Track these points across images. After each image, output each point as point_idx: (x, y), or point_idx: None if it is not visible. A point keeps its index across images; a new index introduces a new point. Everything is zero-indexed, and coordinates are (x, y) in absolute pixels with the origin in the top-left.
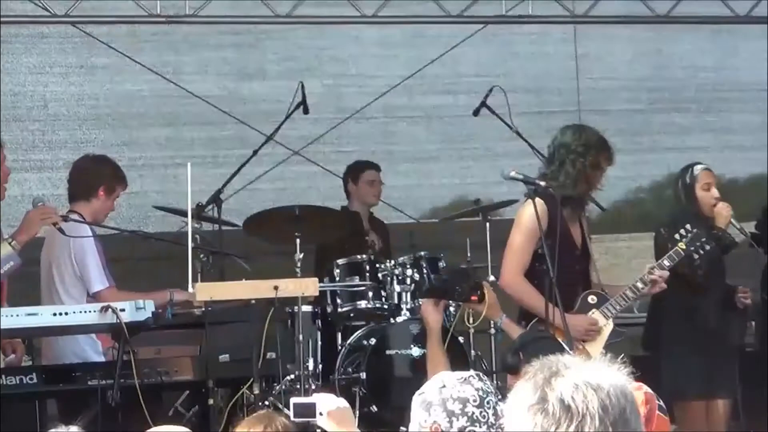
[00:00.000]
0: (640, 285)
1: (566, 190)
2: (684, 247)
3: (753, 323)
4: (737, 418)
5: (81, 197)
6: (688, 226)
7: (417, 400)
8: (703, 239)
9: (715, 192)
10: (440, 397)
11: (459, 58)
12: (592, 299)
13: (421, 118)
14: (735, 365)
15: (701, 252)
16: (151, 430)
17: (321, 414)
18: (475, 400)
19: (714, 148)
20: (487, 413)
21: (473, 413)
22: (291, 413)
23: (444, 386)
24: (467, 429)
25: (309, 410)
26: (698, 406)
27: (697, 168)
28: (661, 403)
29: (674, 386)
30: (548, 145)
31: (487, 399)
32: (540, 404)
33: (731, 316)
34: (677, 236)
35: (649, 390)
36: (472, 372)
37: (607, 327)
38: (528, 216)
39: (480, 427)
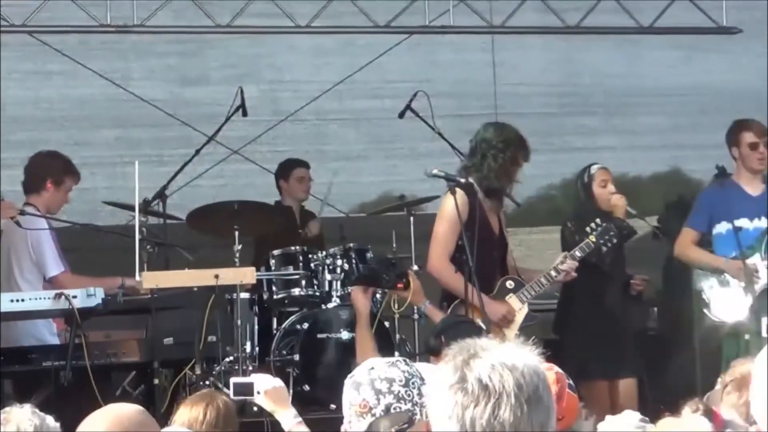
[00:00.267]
0: (553, 273)
1: (488, 182)
2: (594, 239)
3: (655, 309)
4: (644, 397)
5: (33, 190)
6: (598, 220)
7: (348, 382)
8: (612, 233)
9: (611, 188)
10: (369, 378)
11: (386, 65)
12: (509, 284)
13: (350, 121)
14: (636, 347)
15: (609, 245)
16: (107, 407)
17: (258, 393)
18: (401, 380)
19: (620, 149)
20: (412, 392)
21: (399, 392)
22: (231, 392)
23: (373, 368)
24: (393, 406)
25: (247, 389)
26: (602, 385)
27: (594, 168)
28: (571, 382)
29: (580, 367)
30: (470, 140)
31: (412, 380)
32: (460, 383)
33: (633, 302)
34: (588, 229)
35: (560, 370)
36: (399, 357)
37: (522, 311)
38: (450, 207)
39: (405, 404)
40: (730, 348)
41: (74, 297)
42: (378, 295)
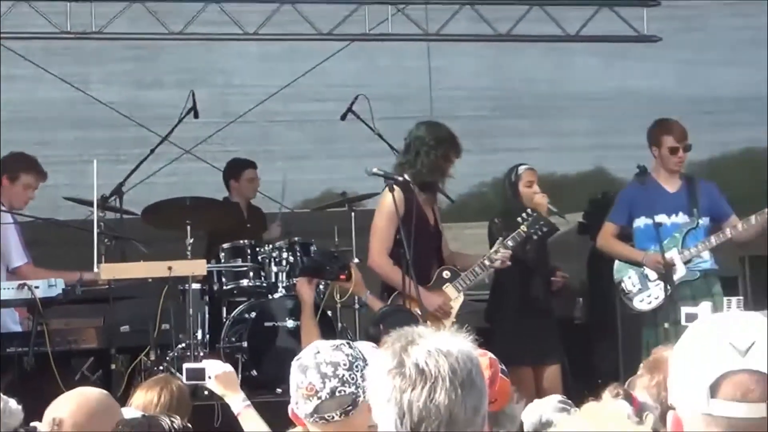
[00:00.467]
0: (487, 262)
1: (421, 177)
2: (526, 229)
3: (581, 299)
4: (569, 382)
5: None
6: (529, 211)
7: (295, 365)
8: (542, 222)
9: (536, 188)
10: (315, 362)
11: (328, 70)
12: (446, 274)
13: (295, 122)
14: (561, 335)
15: (540, 233)
16: (75, 390)
17: (210, 377)
18: (345, 365)
19: (547, 149)
20: (356, 376)
21: (343, 375)
22: (184, 377)
23: (318, 352)
24: (338, 389)
25: (199, 374)
26: (528, 371)
27: (521, 168)
28: (503, 367)
29: (508, 354)
30: (405, 138)
31: (356, 363)
32: (398, 368)
33: (559, 293)
34: (519, 219)
35: (493, 356)
36: (343, 341)
37: (459, 299)
38: (388, 204)
39: (349, 387)
40: (648, 335)
41: (36, 287)
42: (321, 286)
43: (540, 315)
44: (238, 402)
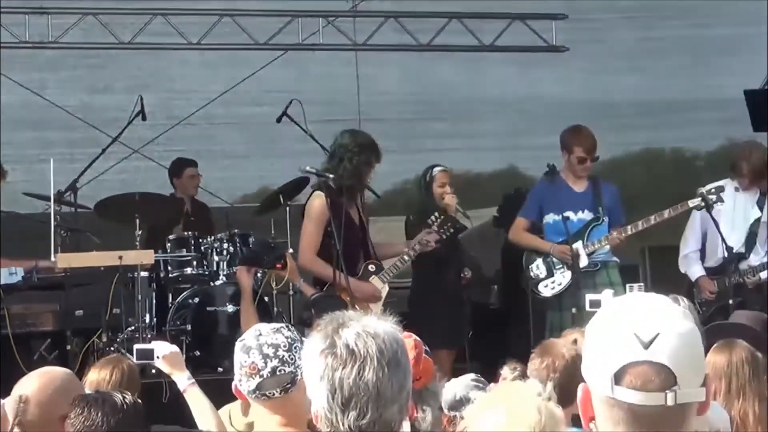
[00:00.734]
0: (406, 258)
1: (344, 181)
2: (436, 229)
3: (495, 286)
4: (465, 362)
5: None
6: (437, 213)
7: (238, 346)
8: (449, 224)
9: (447, 189)
10: (257, 343)
11: (265, 77)
12: (371, 267)
13: (234, 125)
14: (469, 322)
15: (448, 234)
16: (41, 369)
17: (158, 357)
18: (284, 346)
19: (465, 149)
20: (295, 356)
21: (283, 356)
22: (134, 357)
23: (260, 334)
24: (278, 368)
25: (148, 354)
26: (444, 353)
27: (436, 169)
28: (427, 348)
29: (426, 337)
30: (330, 145)
31: (295, 345)
32: (330, 349)
33: (475, 281)
34: (429, 221)
35: (418, 338)
36: (283, 324)
37: (384, 290)
38: (315, 206)
39: (289, 367)
40: (553, 319)
41: None
42: (259, 274)
43: (453, 302)
44: (183, 380)
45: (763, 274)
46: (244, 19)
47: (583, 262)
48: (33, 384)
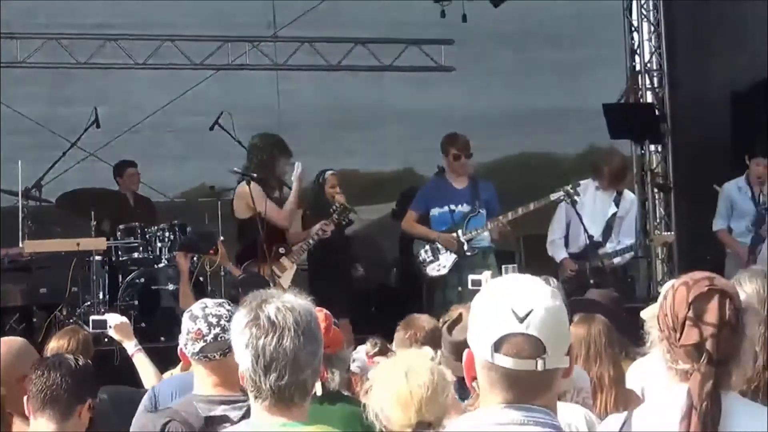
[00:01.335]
0: (310, 240)
1: (259, 175)
2: (337, 218)
3: (395, 269)
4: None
5: None
6: (337, 204)
7: (186, 315)
8: (347, 212)
9: (337, 189)
10: (203, 313)
11: (201, 92)
12: (281, 250)
13: (176, 132)
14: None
15: (345, 221)
16: (1, 339)
17: (110, 327)
18: (226, 317)
19: (368, 153)
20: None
21: (224, 325)
22: (90, 326)
23: (206, 306)
24: (219, 335)
25: (102, 324)
26: (344, 322)
27: (327, 173)
28: (336, 320)
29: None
30: (247, 146)
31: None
32: (254, 321)
33: (376, 264)
34: (331, 210)
35: (327, 311)
36: (224, 300)
37: (292, 268)
38: (242, 194)
39: (228, 335)
40: (439, 297)
41: None
42: (195, 258)
43: (333, 278)
44: (131, 346)
45: (617, 259)
46: (183, 44)
47: (465, 247)
48: None
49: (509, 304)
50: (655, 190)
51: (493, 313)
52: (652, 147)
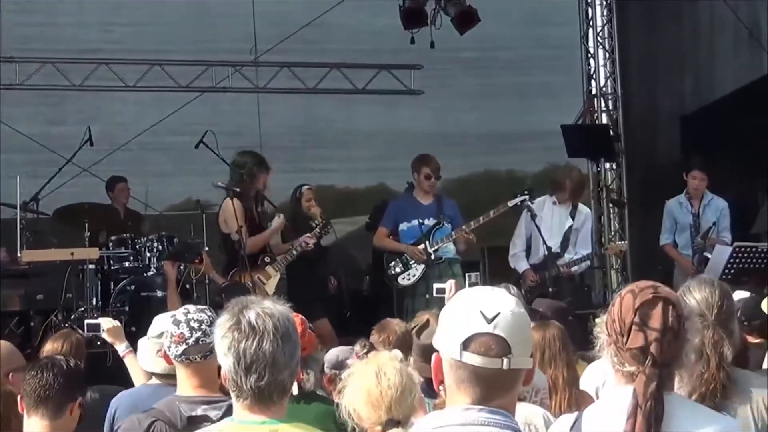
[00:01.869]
0: (294, 252)
1: (240, 189)
2: (318, 231)
3: (368, 277)
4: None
5: None
6: (318, 220)
7: (169, 320)
8: (328, 228)
9: (313, 203)
10: (186, 318)
11: (186, 112)
12: (267, 259)
13: (164, 149)
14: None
15: (325, 234)
16: None
17: (103, 330)
18: (207, 322)
19: (343, 170)
20: (214, 331)
21: (206, 330)
22: (84, 330)
23: (188, 312)
24: (201, 339)
25: (96, 327)
26: (324, 321)
27: (303, 188)
28: (311, 325)
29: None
30: (230, 166)
31: (214, 322)
32: (236, 325)
33: (349, 271)
34: (313, 224)
35: (303, 317)
36: (206, 306)
37: (276, 276)
38: (227, 208)
39: (209, 339)
40: (409, 304)
41: None
42: (182, 267)
43: (311, 284)
44: (122, 348)
45: (574, 268)
46: (170, 68)
47: (432, 257)
48: None
49: (478, 307)
50: (610, 205)
51: (462, 315)
52: (607, 165)
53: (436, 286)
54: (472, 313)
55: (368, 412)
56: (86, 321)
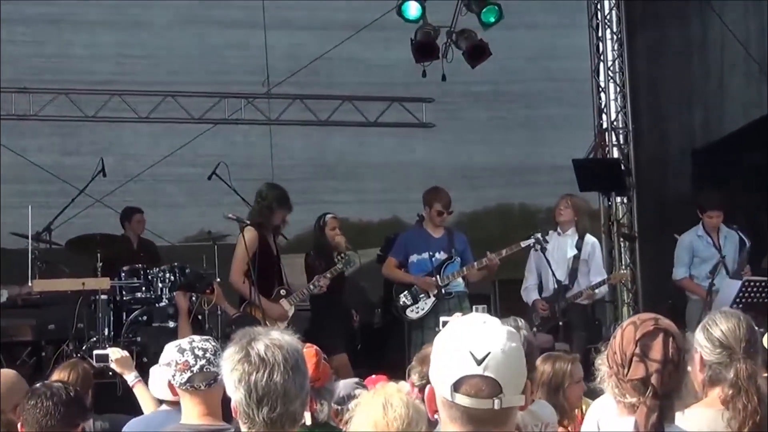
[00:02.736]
0: (311, 287)
1: (261, 221)
2: (341, 267)
3: (379, 309)
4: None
5: None
6: (343, 254)
7: (174, 348)
8: (352, 263)
9: (337, 231)
10: (190, 347)
11: (199, 144)
12: (282, 292)
13: (176, 181)
14: (348, 335)
15: (348, 269)
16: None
17: (111, 360)
18: (212, 351)
19: (354, 202)
20: (218, 360)
21: (210, 358)
22: (94, 360)
23: (193, 341)
24: (205, 367)
25: (105, 358)
26: (343, 356)
27: (327, 216)
28: (325, 356)
29: (328, 344)
30: (256, 194)
31: (218, 352)
32: (245, 357)
33: (362, 304)
34: (336, 259)
35: (317, 347)
36: (210, 336)
37: (291, 310)
38: (242, 240)
39: (213, 367)
40: (417, 336)
41: None
42: (194, 298)
43: (334, 317)
44: (131, 378)
45: (596, 291)
46: (183, 99)
47: (441, 291)
48: None
49: (468, 347)
50: (621, 239)
51: (453, 354)
52: (618, 199)
53: (442, 319)
54: (462, 352)
55: None
56: (95, 351)
